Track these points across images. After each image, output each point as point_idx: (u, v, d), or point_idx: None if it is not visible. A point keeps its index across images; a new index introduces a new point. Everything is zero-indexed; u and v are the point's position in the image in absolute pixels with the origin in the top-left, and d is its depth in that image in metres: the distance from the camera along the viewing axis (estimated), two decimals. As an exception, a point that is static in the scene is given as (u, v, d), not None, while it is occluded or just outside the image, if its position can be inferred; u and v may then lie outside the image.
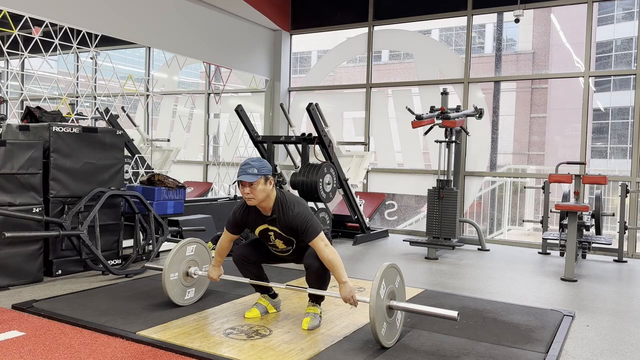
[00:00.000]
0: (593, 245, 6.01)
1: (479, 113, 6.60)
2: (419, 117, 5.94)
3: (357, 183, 7.01)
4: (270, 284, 3.37)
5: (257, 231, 3.30)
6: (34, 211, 4.22)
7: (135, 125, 8.39)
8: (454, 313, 2.87)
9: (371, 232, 7.15)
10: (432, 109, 6.26)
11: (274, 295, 3.55)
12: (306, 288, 3.24)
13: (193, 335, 3.04)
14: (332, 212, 7.16)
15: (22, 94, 6.10)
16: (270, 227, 3.22)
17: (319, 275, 3.19)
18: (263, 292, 3.52)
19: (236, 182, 3.15)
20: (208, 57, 7.69)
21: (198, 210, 6.47)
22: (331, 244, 3.18)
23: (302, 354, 2.83)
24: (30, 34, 5.85)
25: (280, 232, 3.20)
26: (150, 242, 5.00)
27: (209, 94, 9.52)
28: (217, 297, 3.90)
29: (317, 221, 3.14)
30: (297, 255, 3.35)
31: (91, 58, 7.40)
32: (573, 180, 5.44)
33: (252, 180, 3.03)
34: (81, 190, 4.60)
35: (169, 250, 5.72)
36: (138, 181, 6.46)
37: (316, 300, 3.36)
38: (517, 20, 6.81)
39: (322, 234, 3.10)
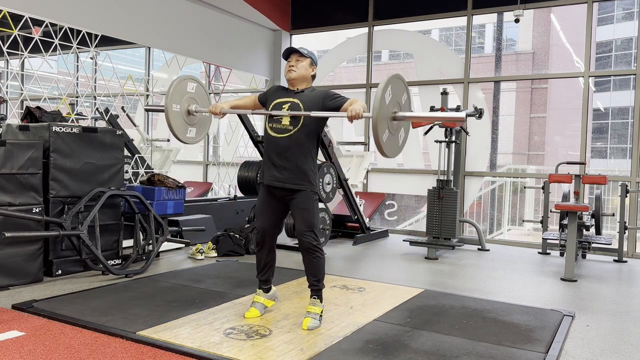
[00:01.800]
0: (593, 245, 6.01)
1: (478, 113, 6.59)
2: (419, 117, 5.94)
3: (357, 183, 7.01)
4: (274, 112, 3.25)
5: (273, 104, 3.27)
6: (34, 211, 4.22)
7: (135, 125, 8.39)
8: (461, 114, 2.86)
9: (371, 232, 7.15)
10: (432, 109, 6.26)
11: (267, 290, 3.53)
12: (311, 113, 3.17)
13: (193, 335, 3.04)
14: (332, 212, 7.17)
15: (22, 94, 6.10)
16: (291, 99, 3.24)
17: (312, 250, 3.22)
18: (262, 283, 3.49)
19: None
20: (208, 57, 7.69)
21: (198, 210, 6.48)
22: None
23: (302, 354, 2.83)
24: (30, 34, 5.85)
25: (300, 103, 3.21)
26: (150, 242, 5.00)
27: (209, 93, 9.52)
28: (217, 297, 3.90)
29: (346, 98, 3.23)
30: (294, 155, 3.20)
31: (91, 58, 7.40)
32: (573, 180, 5.45)
33: (303, 53, 3.23)
34: (81, 190, 4.60)
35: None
36: (138, 181, 6.46)
37: (317, 289, 3.34)
38: (517, 20, 6.81)
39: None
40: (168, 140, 8.56)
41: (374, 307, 3.75)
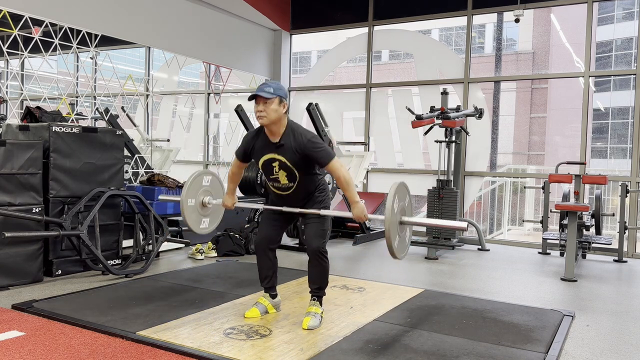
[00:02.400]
0: (593, 245, 6.01)
1: (479, 113, 6.60)
2: (419, 117, 5.94)
3: (357, 183, 7.01)
4: (285, 208, 3.31)
5: (261, 162, 3.25)
6: (33, 211, 4.22)
7: (135, 125, 8.39)
8: (463, 224, 2.94)
9: (371, 232, 7.15)
10: (432, 109, 6.26)
11: (274, 296, 3.55)
12: (319, 211, 3.24)
13: (193, 335, 3.04)
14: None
15: (22, 94, 6.11)
16: (276, 156, 3.17)
17: (320, 256, 3.22)
18: (267, 289, 3.51)
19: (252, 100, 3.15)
20: (208, 57, 7.69)
21: (198, 210, 6.46)
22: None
23: (302, 354, 2.83)
24: (30, 34, 5.85)
25: (286, 161, 3.14)
26: (150, 242, 4.99)
27: (208, 94, 9.52)
28: (217, 297, 3.90)
29: (328, 147, 3.16)
30: (300, 196, 3.26)
31: (91, 58, 7.41)
32: (573, 180, 5.44)
33: (268, 97, 3.04)
34: (81, 190, 4.60)
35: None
36: (138, 181, 6.46)
37: (318, 295, 3.35)
38: (517, 20, 6.81)
39: (336, 156, 3.13)
40: (168, 140, 8.56)
41: (374, 307, 3.75)
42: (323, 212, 3.23)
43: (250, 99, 3.16)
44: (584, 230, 5.65)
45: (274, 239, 3.41)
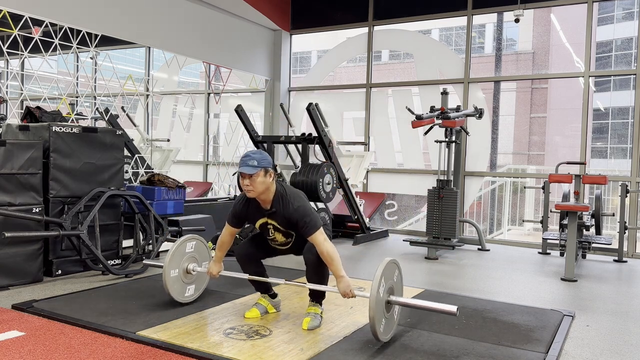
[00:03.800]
0: (593, 245, 6.01)
1: (479, 113, 6.59)
2: (419, 117, 5.94)
3: (357, 183, 7.01)
4: (271, 279, 3.37)
5: (257, 224, 3.31)
6: (33, 211, 4.22)
7: (135, 125, 8.39)
8: (453, 308, 2.89)
9: (371, 232, 7.15)
10: (432, 109, 6.26)
11: (273, 296, 3.55)
12: (305, 283, 3.25)
13: (193, 335, 3.04)
14: (332, 212, 7.16)
15: (22, 94, 6.10)
16: (270, 221, 3.23)
17: (318, 270, 3.21)
18: (264, 291, 3.52)
19: (237, 175, 3.17)
20: (208, 57, 7.69)
21: (198, 210, 6.47)
22: (330, 240, 3.21)
23: (302, 354, 2.83)
24: (30, 33, 5.85)
25: (279, 226, 3.22)
26: (150, 242, 4.99)
27: (209, 94, 9.52)
28: (217, 297, 3.90)
29: (316, 216, 3.15)
30: (297, 247, 3.36)
31: (91, 58, 7.40)
32: (573, 180, 5.44)
33: (252, 172, 3.02)
34: (81, 190, 4.60)
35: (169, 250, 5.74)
36: (138, 181, 6.46)
37: (317, 299, 3.36)
38: (517, 20, 6.81)
39: (321, 229, 3.11)
40: (168, 140, 8.56)
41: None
42: (309, 285, 3.22)
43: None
44: (584, 230, 5.65)
45: (257, 256, 3.44)
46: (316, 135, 6.29)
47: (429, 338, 3.13)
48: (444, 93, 6.59)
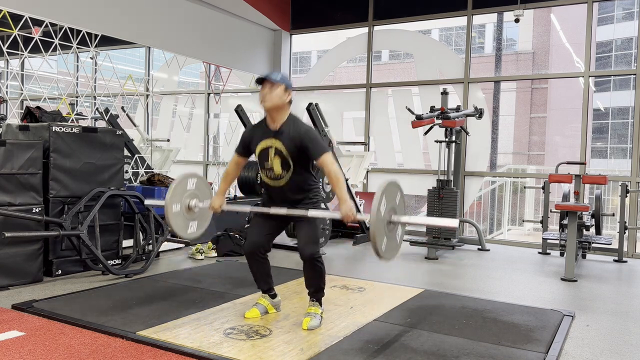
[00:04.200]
0: (593, 245, 6.01)
1: (479, 113, 6.59)
2: (419, 117, 5.94)
3: (357, 183, 7.01)
4: (273, 210, 3.24)
5: (258, 150, 3.25)
6: (33, 211, 4.22)
7: (135, 125, 8.39)
8: (455, 222, 2.89)
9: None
10: (432, 109, 6.26)
11: (273, 296, 3.55)
12: (307, 212, 3.19)
13: (193, 335, 3.04)
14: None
15: (22, 94, 6.11)
16: (274, 142, 3.17)
17: (314, 262, 3.20)
18: (265, 291, 3.51)
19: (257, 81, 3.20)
20: (208, 57, 7.69)
21: (198, 210, 6.46)
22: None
23: (302, 354, 2.83)
24: (30, 34, 5.85)
25: (283, 147, 3.15)
26: (150, 242, 4.99)
27: (209, 94, 9.52)
28: (217, 297, 3.90)
29: (324, 141, 3.17)
30: (290, 187, 3.23)
31: (91, 58, 7.41)
32: (573, 180, 5.44)
33: (274, 80, 3.12)
34: (81, 190, 4.60)
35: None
36: (138, 181, 6.46)
37: (316, 297, 3.35)
38: (517, 20, 6.81)
39: (329, 151, 3.13)
40: (168, 140, 8.56)
41: (374, 307, 3.75)
42: (311, 212, 3.17)
43: (257, 82, 3.23)
44: (584, 230, 5.65)
45: (264, 245, 3.36)
46: (316, 135, 6.28)
47: (429, 338, 3.13)
48: (444, 93, 6.59)
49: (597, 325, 3.57)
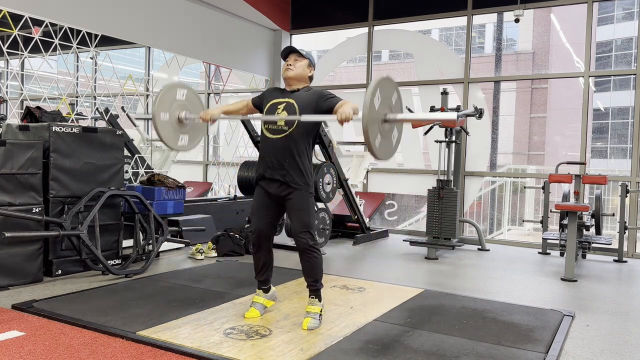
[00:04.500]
0: (593, 245, 6.01)
1: (479, 113, 6.59)
2: (419, 117, 5.93)
3: (357, 183, 7.01)
4: (276, 117, 3.23)
5: (267, 105, 3.29)
6: (33, 211, 4.22)
7: (135, 125, 8.39)
8: (453, 115, 2.86)
9: (371, 232, 7.15)
10: (432, 109, 6.26)
11: (267, 290, 3.54)
12: (301, 117, 3.17)
13: (193, 335, 3.04)
14: (332, 212, 7.16)
15: (22, 94, 6.11)
16: (286, 99, 3.25)
17: (308, 251, 3.22)
18: (260, 284, 3.50)
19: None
20: (208, 57, 7.69)
21: (198, 210, 6.48)
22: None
23: (302, 354, 2.83)
24: (30, 33, 5.85)
25: (294, 103, 3.21)
26: (150, 242, 4.99)
27: (209, 94, 9.52)
28: (217, 297, 3.90)
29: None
30: (288, 143, 3.20)
31: (91, 58, 7.41)
32: (573, 180, 5.44)
33: (302, 53, 3.27)
34: (81, 190, 4.60)
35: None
36: (138, 181, 6.46)
37: (315, 289, 3.34)
38: (517, 20, 6.81)
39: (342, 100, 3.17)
40: (168, 140, 8.54)
41: (374, 307, 3.75)
42: (304, 117, 3.11)
43: (283, 53, 3.31)
44: (584, 230, 5.65)
45: (267, 232, 3.37)
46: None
47: (429, 338, 3.13)
48: (444, 93, 6.59)
49: (597, 325, 3.57)
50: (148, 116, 3.54)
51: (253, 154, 8.15)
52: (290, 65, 3.26)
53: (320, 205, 6.53)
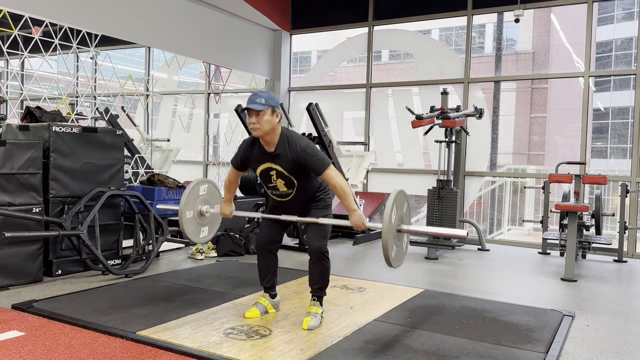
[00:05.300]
0: (593, 245, 6.01)
1: (479, 113, 6.59)
2: (419, 117, 5.94)
3: (357, 183, 7.01)
4: (283, 217, 3.32)
5: (258, 171, 3.27)
6: (33, 211, 4.22)
7: (135, 125, 8.39)
8: (463, 232, 2.93)
9: (371, 232, 7.15)
10: (432, 109, 6.26)
11: (273, 296, 3.56)
12: (317, 219, 3.24)
13: (193, 335, 3.04)
14: (332, 212, 7.16)
15: (22, 94, 6.11)
16: (273, 165, 3.19)
17: (321, 256, 3.23)
18: (266, 289, 3.51)
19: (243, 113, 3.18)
20: (208, 57, 7.69)
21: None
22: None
23: (302, 354, 2.83)
24: (30, 33, 5.85)
25: (283, 170, 3.17)
26: (150, 242, 4.99)
27: (209, 94, 9.52)
28: (217, 297, 3.90)
29: (324, 154, 3.15)
30: (299, 200, 3.29)
31: (91, 58, 7.41)
32: (573, 180, 5.44)
33: (260, 109, 3.03)
34: (81, 190, 4.60)
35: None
36: (138, 181, 6.46)
37: (318, 296, 3.35)
38: (517, 20, 6.81)
39: (331, 165, 3.12)
40: (168, 140, 8.56)
41: (374, 307, 3.75)
42: (322, 220, 3.22)
43: (242, 111, 3.21)
44: (584, 230, 5.65)
45: (275, 239, 3.42)
46: (316, 135, 6.29)
47: (429, 338, 3.13)
48: (444, 93, 6.59)
49: (597, 325, 3.57)
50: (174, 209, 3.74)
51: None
52: (254, 124, 3.06)
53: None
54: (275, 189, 3.29)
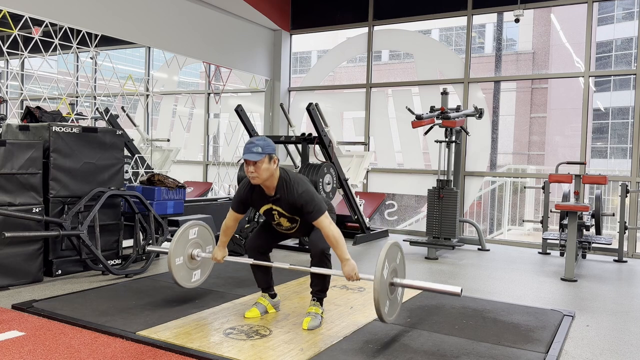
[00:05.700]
0: (593, 245, 6.01)
1: (479, 113, 6.59)
2: (419, 117, 5.94)
3: (357, 183, 7.01)
4: (276, 264, 3.38)
5: (261, 210, 3.32)
6: (33, 211, 4.22)
7: (135, 125, 8.39)
8: (457, 289, 2.89)
9: (371, 232, 7.15)
10: (432, 109, 6.26)
11: (273, 296, 3.56)
12: (310, 268, 3.28)
13: (193, 335, 3.04)
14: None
15: (22, 94, 6.10)
16: (274, 207, 3.24)
17: (323, 258, 3.25)
18: (265, 288, 3.52)
19: (241, 161, 3.20)
20: (208, 57, 7.69)
21: (198, 210, 6.47)
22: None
23: (302, 354, 2.83)
24: (30, 33, 5.85)
25: (284, 211, 3.23)
26: (150, 242, 4.99)
27: (209, 94, 9.52)
28: (217, 297, 3.90)
29: (321, 199, 3.17)
30: (303, 231, 3.39)
31: (91, 58, 7.40)
32: (573, 180, 5.44)
33: (257, 159, 3.03)
34: (81, 190, 4.60)
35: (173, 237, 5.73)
36: (138, 181, 6.46)
37: (319, 297, 3.36)
38: (517, 20, 6.81)
39: (326, 213, 3.13)
40: (168, 140, 8.56)
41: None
42: (314, 270, 3.23)
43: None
44: (584, 230, 5.65)
45: (266, 248, 3.50)
46: (316, 135, 6.29)
47: (429, 338, 3.13)
48: (444, 93, 6.59)
49: (597, 325, 3.57)
50: (164, 250, 3.77)
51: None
52: (252, 172, 3.07)
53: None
54: (279, 225, 3.37)
